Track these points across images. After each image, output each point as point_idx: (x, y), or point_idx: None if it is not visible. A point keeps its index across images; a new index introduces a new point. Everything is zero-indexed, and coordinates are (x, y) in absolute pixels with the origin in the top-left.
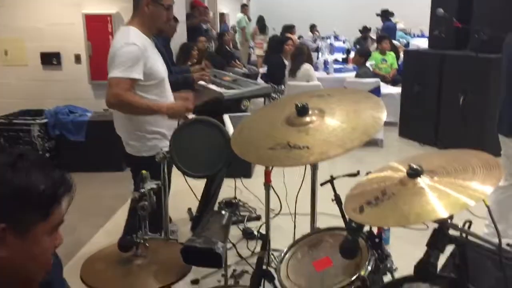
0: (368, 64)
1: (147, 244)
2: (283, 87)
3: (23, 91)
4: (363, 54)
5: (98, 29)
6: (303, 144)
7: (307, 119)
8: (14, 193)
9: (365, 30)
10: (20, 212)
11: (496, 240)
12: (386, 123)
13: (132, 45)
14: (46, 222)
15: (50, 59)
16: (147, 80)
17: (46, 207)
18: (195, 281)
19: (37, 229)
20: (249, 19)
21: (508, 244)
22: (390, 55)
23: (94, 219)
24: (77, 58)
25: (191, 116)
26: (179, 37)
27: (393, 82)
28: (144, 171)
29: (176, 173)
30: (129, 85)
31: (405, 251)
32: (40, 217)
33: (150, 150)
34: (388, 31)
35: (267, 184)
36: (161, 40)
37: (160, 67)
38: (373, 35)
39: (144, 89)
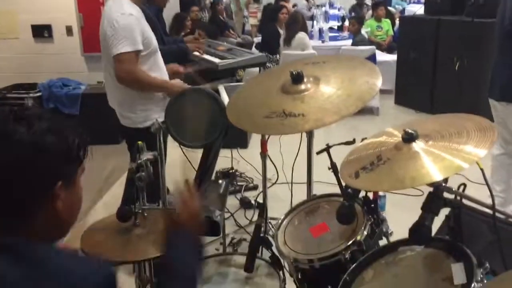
0: (363, 31)
1: (145, 214)
2: (278, 56)
3: (15, 65)
4: (359, 22)
5: None
6: (298, 112)
7: (302, 86)
8: (59, 153)
9: None
10: (66, 167)
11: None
12: (382, 91)
13: (129, 16)
14: (80, 168)
15: (42, 32)
16: (143, 50)
17: (81, 157)
18: None
19: (77, 178)
20: None
21: None
22: (386, 22)
23: (91, 192)
24: (69, 30)
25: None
26: (172, 7)
27: (389, 50)
28: (140, 142)
29: (173, 144)
30: (137, 58)
31: (401, 216)
32: (77, 167)
33: (144, 121)
34: None
35: (264, 154)
36: (154, 10)
37: (152, 37)
38: (368, 1)
39: (139, 60)
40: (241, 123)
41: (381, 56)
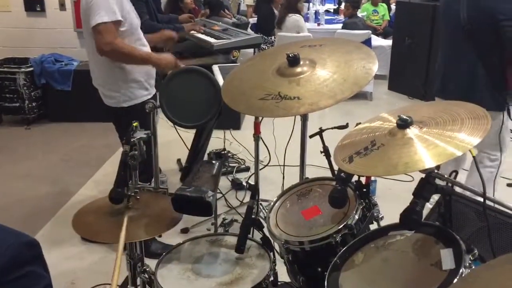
0: (359, 15)
1: (138, 197)
2: (273, 38)
3: (7, 38)
4: (354, 6)
5: None
6: (293, 95)
7: (299, 69)
8: None
9: None
10: None
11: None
12: (376, 76)
13: None
14: None
15: (34, 5)
16: (122, 25)
17: None
18: (184, 230)
19: None
20: None
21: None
22: (382, 7)
23: (82, 170)
24: (62, 5)
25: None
26: None
27: (384, 35)
28: (135, 123)
29: (164, 124)
30: (116, 29)
31: (391, 203)
32: None
33: (129, 99)
34: None
35: (257, 136)
36: None
37: (133, 16)
38: None
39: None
40: (236, 104)
41: (376, 41)
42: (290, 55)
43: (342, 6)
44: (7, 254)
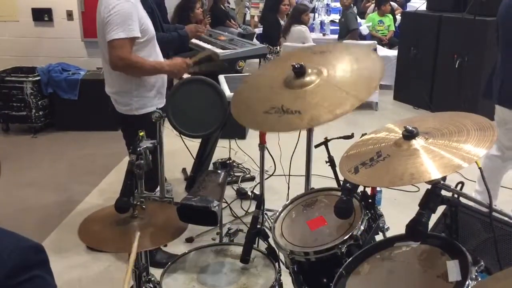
0: (364, 25)
1: (143, 206)
2: (278, 48)
3: (15, 48)
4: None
5: None
6: (295, 109)
7: (307, 79)
8: None
9: None
10: None
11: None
12: (382, 86)
13: (126, 2)
14: None
15: (42, 15)
16: (140, 37)
17: None
18: (189, 239)
19: None
20: None
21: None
22: (388, 17)
23: (88, 178)
24: (69, 15)
25: (186, 76)
26: None
27: (390, 45)
28: (141, 133)
29: (170, 133)
30: (131, 45)
31: (396, 213)
32: None
33: (140, 108)
34: None
35: (262, 145)
36: None
37: (149, 24)
38: None
39: (136, 46)
40: (241, 117)
41: (382, 51)
42: (296, 66)
43: None
44: (12, 258)
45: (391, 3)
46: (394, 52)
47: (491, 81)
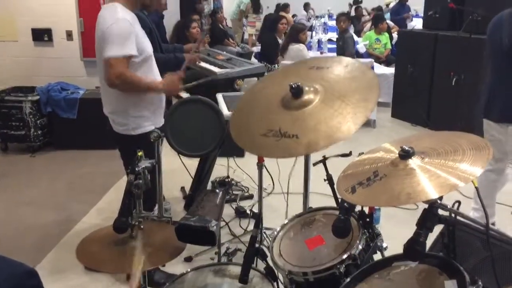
0: (362, 43)
1: (141, 226)
2: (276, 66)
3: (14, 68)
4: (348, 18)
5: (91, 5)
6: (293, 132)
7: (304, 98)
8: None
9: (356, 2)
10: None
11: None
12: (379, 104)
13: (123, 20)
14: None
15: (42, 35)
16: (137, 56)
17: None
18: (188, 259)
19: None
20: None
21: (492, 224)
22: (384, 35)
23: (86, 197)
24: (69, 35)
25: (185, 95)
26: (174, 15)
27: (387, 63)
28: (140, 153)
29: (168, 152)
30: (127, 63)
31: (395, 231)
32: None
33: (137, 128)
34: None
35: (260, 164)
36: (154, 16)
37: (147, 43)
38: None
39: (132, 66)
40: (240, 140)
41: (379, 69)
42: (293, 86)
43: None
44: (6, 285)
45: (388, 21)
46: (391, 70)
47: (489, 101)
